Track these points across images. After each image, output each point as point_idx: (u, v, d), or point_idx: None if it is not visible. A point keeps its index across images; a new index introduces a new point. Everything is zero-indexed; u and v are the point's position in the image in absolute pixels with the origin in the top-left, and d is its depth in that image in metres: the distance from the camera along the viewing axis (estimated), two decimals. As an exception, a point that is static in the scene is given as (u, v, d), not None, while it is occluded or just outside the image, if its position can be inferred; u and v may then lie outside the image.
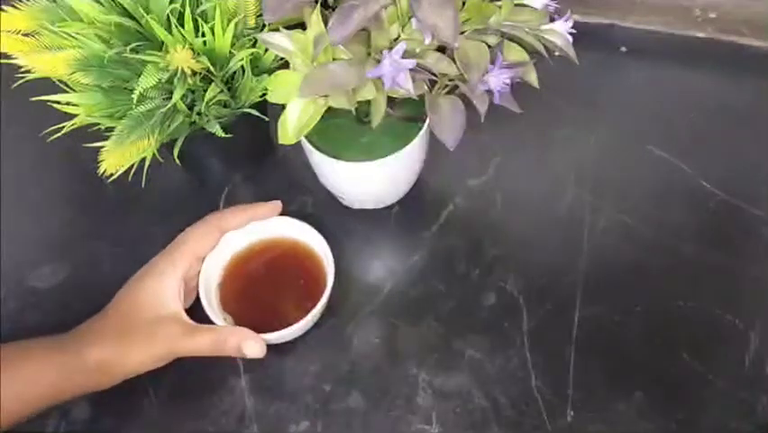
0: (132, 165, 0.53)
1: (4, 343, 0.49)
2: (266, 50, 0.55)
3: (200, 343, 0.50)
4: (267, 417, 0.53)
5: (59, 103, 0.52)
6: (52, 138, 0.53)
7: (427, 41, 0.43)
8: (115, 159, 0.51)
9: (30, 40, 0.50)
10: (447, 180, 0.64)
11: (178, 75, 0.50)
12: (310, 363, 0.55)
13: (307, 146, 0.55)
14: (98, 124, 0.53)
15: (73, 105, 0.52)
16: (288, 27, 0.46)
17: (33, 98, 0.52)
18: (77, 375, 0.49)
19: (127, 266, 0.60)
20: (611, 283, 0.57)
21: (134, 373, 0.51)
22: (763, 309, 0.55)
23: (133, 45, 0.50)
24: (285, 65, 0.47)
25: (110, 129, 0.52)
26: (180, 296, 0.52)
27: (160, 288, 0.51)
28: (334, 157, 0.54)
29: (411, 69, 0.43)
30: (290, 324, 0.51)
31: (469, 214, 0.62)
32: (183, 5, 0.51)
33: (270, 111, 0.59)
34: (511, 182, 0.64)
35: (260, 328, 0.51)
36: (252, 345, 0.50)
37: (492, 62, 0.45)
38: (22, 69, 0.49)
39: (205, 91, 0.52)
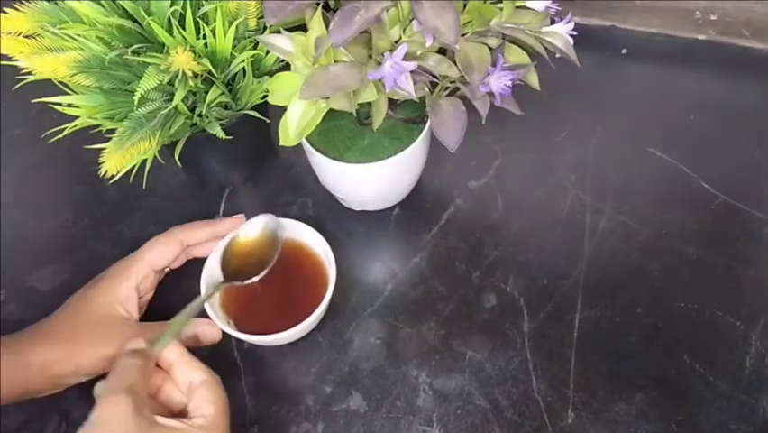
0: (134, 167, 0.53)
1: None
2: (267, 52, 0.55)
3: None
4: (267, 418, 0.53)
5: (60, 105, 0.52)
6: (53, 140, 0.54)
7: (428, 44, 0.43)
8: (116, 160, 0.51)
9: (31, 41, 0.50)
10: (448, 182, 0.64)
11: (179, 77, 0.50)
12: (311, 364, 0.55)
13: (308, 148, 0.55)
14: (99, 125, 0.53)
15: (74, 106, 0.52)
16: (289, 29, 0.46)
17: (34, 100, 0.52)
18: (18, 375, 0.48)
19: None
20: (612, 285, 0.57)
21: (87, 376, 0.51)
22: (764, 311, 0.55)
23: (135, 47, 0.50)
24: (286, 67, 0.47)
25: (111, 131, 0.52)
26: (131, 302, 0.52)
27: (113, 291, 0.52)
28: (335, 159, 0.54)
29: (412, 71, 0.43)
30: (292, 326, 0.51)
31: (469, 215, 0.62)
32: (184, 8, 0.51)
33: (271, 113, 0.59)
34: (512, 184, 0.64)
35: (261, 330, 0.51)
36: (208, 330, 0.51)
37: (493, 64, 0.45)
38: (23, 71, 0.49)
39: (207, 93, 0.52)
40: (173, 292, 0.59)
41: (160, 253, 0.54)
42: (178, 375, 0.47)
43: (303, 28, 0.45)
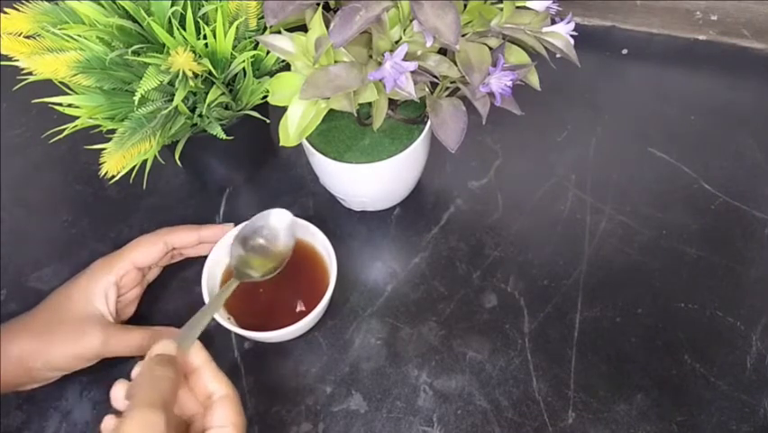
0: (134, 167, 0.53)
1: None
2: (267, 52, 0.55)
3: (129, 342, 0.51)
4: (268, 418, 0.53)
5: (60, 105, 0.52)
6: (54, 140, 0.54)
7: (429, 44, 0.43)
8: (117, 161, 0.51)
9: (31, 42, 0.50)
10: (448, 182, 0.64)
11: (180, 77, 0.50)
12: (311, 364, 0.55)
13: (309, 148, 0.55)
14: (100, 126, 0.53)
15: (74, 107, 0.52)
16: (290, 29, 0.46)
17: (35, 100, 0.52)
18: None
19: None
20: (612, 285, 0.57)
21: (61, 371, 0.51)
22: (765, 311, 0.55)
23: (135, 47, 0.50)
24: (286, 67, 0.47)
25: (111, 131, 0.52)
26: (108, 298, 0.52)
27: (90, 286, 0.52)
28: (335, 159, 0.54)
29: (412, 72, 0.43)
30: (293, 322, 0.51)
31: (470, 215, 0.62)
32: (185, 8, 0.51)
33: (272, 113, 0.59)
34: (512, 184, 0.64)
35: (261, 327, 0.51)
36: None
37: (494, 64, 0.45)
38: (24, 71, 0.50)
39: (207, 93, 0.52)
40: (174, 293, 0.59)
41: (144, 251, 0.54)
42: (198, 383, 0.44)
43: (303, 28, 0.45)
